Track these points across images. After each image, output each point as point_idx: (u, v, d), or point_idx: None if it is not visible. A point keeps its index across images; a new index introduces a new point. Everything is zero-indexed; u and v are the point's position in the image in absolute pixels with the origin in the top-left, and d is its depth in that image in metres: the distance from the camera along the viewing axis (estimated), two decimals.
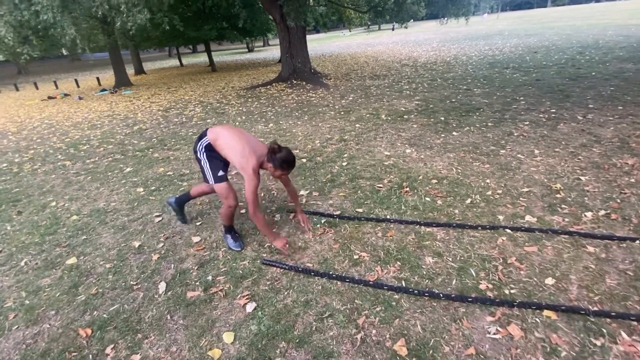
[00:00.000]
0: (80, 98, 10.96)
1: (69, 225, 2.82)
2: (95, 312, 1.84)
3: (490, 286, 1.79)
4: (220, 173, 2.12)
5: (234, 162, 2.02)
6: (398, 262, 2.02)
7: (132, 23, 6.23)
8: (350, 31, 37.57)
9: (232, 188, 2.18)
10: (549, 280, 1.80)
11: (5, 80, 21.04)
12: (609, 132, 3.76)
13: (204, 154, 2.13)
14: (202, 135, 2.15)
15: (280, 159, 1.98)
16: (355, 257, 2.10)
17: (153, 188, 3.43)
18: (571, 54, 9.55)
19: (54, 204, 3.29)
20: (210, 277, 2.03)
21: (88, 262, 2.30)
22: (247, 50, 31.94)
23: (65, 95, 12.05)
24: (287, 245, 2.10)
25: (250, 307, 1.77)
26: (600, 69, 7.14)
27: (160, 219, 2.80)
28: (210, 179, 2.12)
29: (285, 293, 1.86)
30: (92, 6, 7.05)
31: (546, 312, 1.61)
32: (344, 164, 3.59)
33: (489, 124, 4.40)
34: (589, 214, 2.33)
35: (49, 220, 2.95)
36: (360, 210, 2.64)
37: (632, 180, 2.70)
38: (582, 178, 2.82)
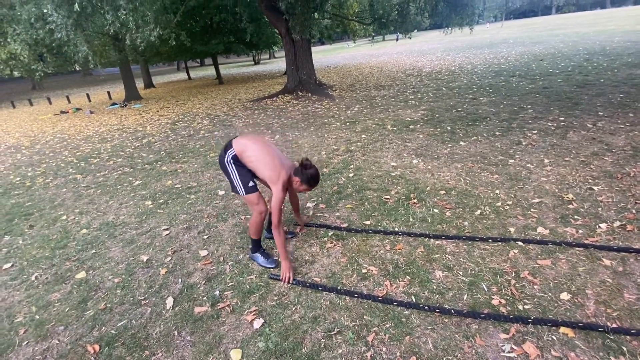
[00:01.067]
0: (91, 112, 11.21)
1: (79, 239, 2.85)
2: (104, 327, 1.84)
3: (503, 301, 1.74)
4: (251, 184, 2.11)
5: (264, 176, 2.05)
6: (407, 276, 1.99)
7: (141, 39, 6.41)
8: (354, 42, 38.05)
9: (261, 194, 2.17)
10: (564, 295, 1.74)
11: (20, 95, 21.69)
12: (620, 140, 3.69)
13: (232, 164, 2.10)
14: (228, 146, 2.13)
15: (309, 175, 2.04)
16: (364, 271, 2.07)
17: (161, 201, 3.46)
18: (578, 61, 9.49)
19: (64, 217, 3.33)
20: (217, 292, 2.02)
21: (97, 276, 2.31)
22: (253, 62, 32.51)
23: (77, 109, 12.34)
24: (291, 273, 2.04)
25: (257, 323, 1.75)
26: (609, 75, 7.07)
27: (168, 232, 2.81)
28: (241, 190, 2.10)
29: (293, 309, 1.84)
30: (104, 24, 7.28)
31: (563, 329, 1.56)
32: (351, 175, 3.58)
33: (497, 133, 4.37)
34: (603, 225, 2.27)
35: (59, 234, 2.99)
36: (367, 222, 2.62)
37: None
38: (594, 188, 2.76)
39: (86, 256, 2.58)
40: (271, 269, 2.18)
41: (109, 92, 16.04)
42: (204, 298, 1.99)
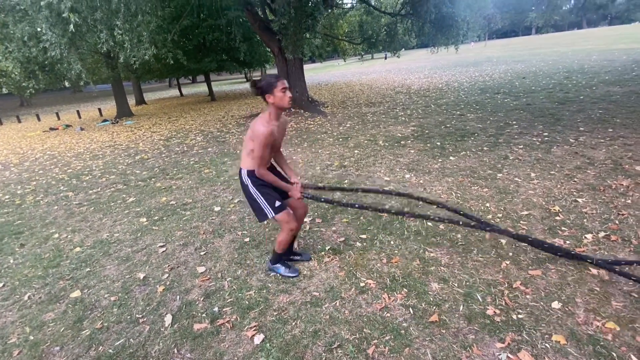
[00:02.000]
0: (81, 129, 11.14)
1: (72, 258, 2.82)
2: (101, 347, 1.81)
3: (498, 311, 1.79)
4: (277, 203, 2.02)
5: (253, 140, 1.93)
6: (404, 289, 2.03)
7: (136, 58, 6.50)
8: (345, 61, 39.05)
9: (291, 212, 2.10)
10: (556, 304, 1.81)
11: (7, 112, 21.42)
12: (601, 154, 3.87)
13: (254, 187, 2.02)
14: (240, 171, 2.08)
15: (267, 79, 1.93)
16: (362, 284, 2.11)
17: (156, 218, 3.45)
18: (558, 79, 9.94)
19: (56, 235, 3.29)
20: (216, 309, 2.02)
21: (92, 295, 2.28)
22: (245, 80, 32.92)
23: (67, 126, 12.25)
24: (298, 190, 2.03)
25: (258, 339, 1.76)
26: (588, 92, 7.42)
27: (164, 249, 2.80)
28: (270, 212, 2.01)
29: (293, 323, 1.85)
30: (97, 42, 7.37)
31: (555, 337, 1.61)
32: None
33: (485, 148, 4.52)
34: (589, 236, 2.37)
35: (52, 252, 2.95)
36: (363, 236, 2.67)
37: (629, 201, 2.77)
38: (579, 200, 2.88)
39: (80, 275, 2.54)
40: (293, 278, 2.19)
41: (99, 109, 15.99)
42: (203, 315, 1.98)
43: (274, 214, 2.02)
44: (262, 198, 2.02)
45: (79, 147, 8.03)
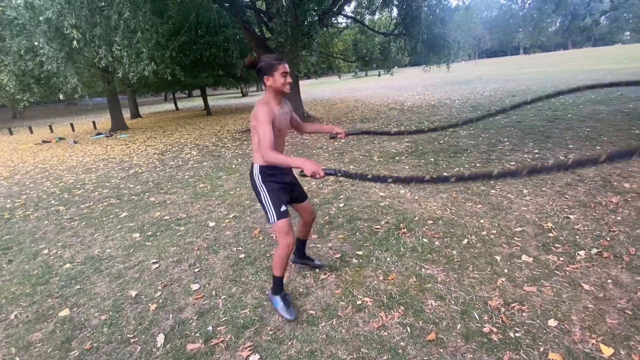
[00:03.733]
0: (75, 142, 11.06)
1: (62, 274, 2.75)
2: None
3: (495, 329, 1.79)
4: (283, 208, 1.90)
5: (256, 123, 1.81)
6: (401, 307, 2.01)
7: (134, 73, 6.56)
8: (340, 78, 39.87)
9: (292, 224, 1.96)
10: (552, 322, 1.81)
11: None
12: (590, 171, 3.96)
13: (263, 185, 1.92)
14: (252, 166, 1.99)
15: (268, 60, 1.81)
16: (358, 302, 2.09)
17: (149, 233, 3.40)
18: None
19: (46, 251, 3.22)
20: (210, 328, 1.98)
21: (82, 313, 2.22)
22: (241, 94, 33.25)
23: (60, 139, 12.16)
24: (317, 167, 1.62)
25: (253, 359, 1.72)
26: (575, 111, 7.65)
27: (157, 265, 2.76)
28: (272, 216, 1.89)
29: (289, 343, 1.82)
30: (95, 57, 7.44)
31: (552, 356, 1.61)
32: (341, 205, 3.65)
33: (477, 165, 4.59)
34: (582, 253, 2.39)
35: (40, 269, 2.88)
36: (360, 252, 2.66)
37: (619, 218, 2.82)
38: (571, 217, 2.92)
39: (70, 292, 2.48)
40: (289, 320, 1.95)
41: (94, 122, 15.95)
42: (197, 334, 1.94)
43: (275, 220, 1.89)
44: (268, 199, 1.91)
45: (71, 161, 7.96)
